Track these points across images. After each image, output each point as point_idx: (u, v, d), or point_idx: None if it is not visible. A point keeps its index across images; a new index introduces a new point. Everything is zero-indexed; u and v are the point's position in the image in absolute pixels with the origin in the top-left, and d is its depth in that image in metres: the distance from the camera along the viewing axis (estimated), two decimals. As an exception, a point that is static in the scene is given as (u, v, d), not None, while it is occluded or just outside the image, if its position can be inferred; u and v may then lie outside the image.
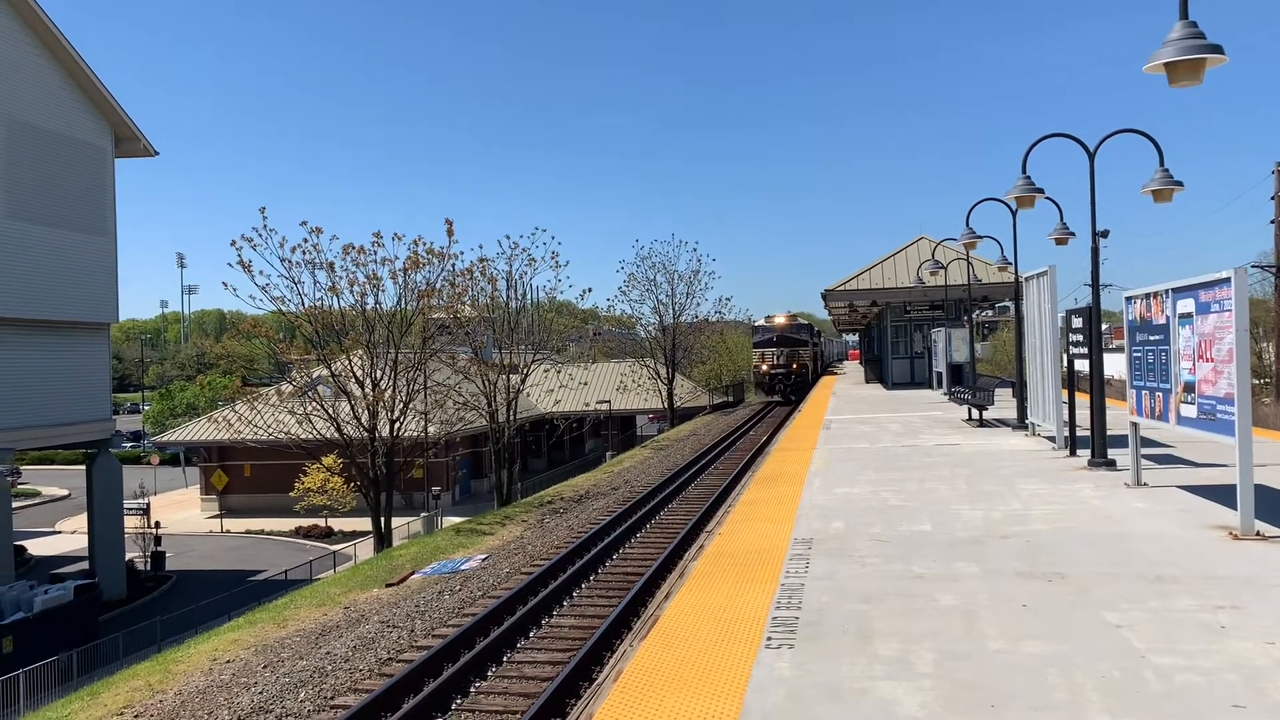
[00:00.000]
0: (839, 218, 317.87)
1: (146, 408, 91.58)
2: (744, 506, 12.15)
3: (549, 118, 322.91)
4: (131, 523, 36.49)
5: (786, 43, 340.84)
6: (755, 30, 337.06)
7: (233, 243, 32.22)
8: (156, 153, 36.63)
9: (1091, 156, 14.61)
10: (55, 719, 14.41)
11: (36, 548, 41.39)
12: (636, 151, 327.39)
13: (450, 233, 38.32)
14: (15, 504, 37.28)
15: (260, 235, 32.41)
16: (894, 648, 6.26)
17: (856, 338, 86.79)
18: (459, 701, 11.11)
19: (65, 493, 59.86)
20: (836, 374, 67.18)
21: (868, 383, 48.43)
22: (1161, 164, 14.03)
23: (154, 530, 38.74)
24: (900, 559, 8.79)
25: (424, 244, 34.60)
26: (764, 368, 56.86)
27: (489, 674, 11.99)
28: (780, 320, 57.92)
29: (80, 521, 39.72)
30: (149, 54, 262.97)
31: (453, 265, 36.00)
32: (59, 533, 47.10)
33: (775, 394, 56.03)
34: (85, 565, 33.55)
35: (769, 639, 6.54)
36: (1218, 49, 8.86)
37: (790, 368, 56.29)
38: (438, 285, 35.31)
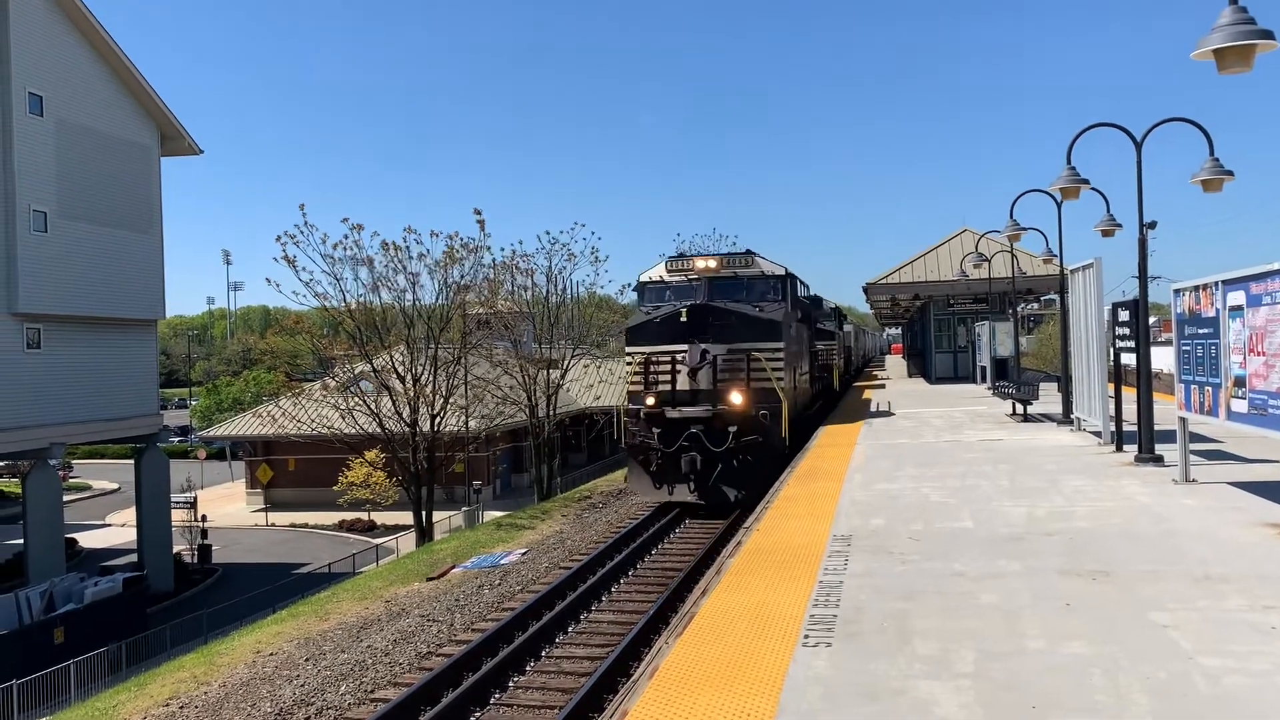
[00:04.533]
0: (880, 212, 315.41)
1: (194, 403, 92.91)
2: (782, 503, 12.06)
3: (586, 114, 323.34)
4: (179, 516, 37.04)
5: (829, 40, 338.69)
6: (800, 25, 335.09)
7: (277, 239, 32.66)
8: (201, 151, 37.14)
9: (1139, 146, 14.33)
10: (103, 709, 14.65)
11: (87, 540, 42.16)
12: (672, 150, 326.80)
13: (482, 225, 38.44)
14: (66, 497, 37.96)
15: (302, 232, 32.78)
16: (933, 647, 6.16)
17: (899, 331, 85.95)
18: (497, 696, 11.13)
19: (115, 486, 60.87)
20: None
21: (910, 377, 47.98)
22: (1211, 153, 13.73)
23: (201, 524, 39.29)
24: (941, 556, 8.67)
25: (459, 239, 34.81)
26: (649, 402, 19.99)
27: (527, 669, 12.00)
28: (706, 265, 21.63)
29: (129, 515, 40.39)
30: (194, 47, 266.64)
31: (491, 259, 36.15)
32: (109, 526, 47.94)
33: (677, 489, 19.99)
34: (134, 558, 34.08)
35: (806, 637, 6.47)
36: (1268, 34, 8.64)
37: (734, 414, 19.69)
38: (475, 280, 35.50)
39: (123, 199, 33.17)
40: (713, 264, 21.48)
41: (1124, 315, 14.61)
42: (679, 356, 19.95)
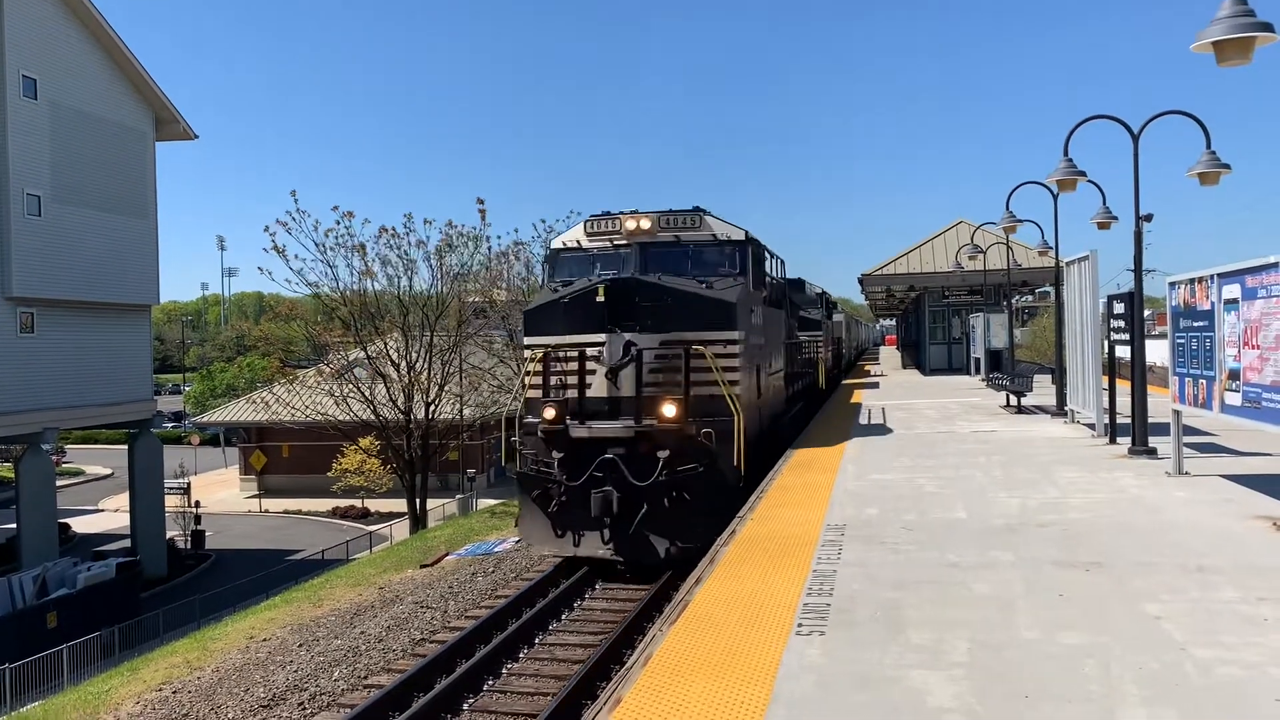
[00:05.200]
0: (876, 203, 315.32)
1: (187, 389, 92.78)
2: (777, 492, 12.07)
3: (586, 108, 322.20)
4: (172, 502, 37.00)
5: (820, 34, 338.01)
6: (792, 15, 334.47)
7: (266, 228, 32.51)
8: (196, 135, 36.96)
9: (1135, 139, 14.32)
10: (96, 693, 14.64)
11: (80, 525, 42.12)
12: (671, 146, 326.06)
13: (483, 215, 38.34)
14: (59, 482, 37.90)
15: (294, 219, 32.65)
16: (927, 636, 6.18)
17: (894, 323, 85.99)
18: (491, 683, 11.15)
19: (108, 472, 60.81)
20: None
21: (904, 368, 48.04)
22: (1209, 146, 13.74)
23: (194, 509, 39.28)
24: (934, 546, 8.69)
25: (456, 228, 34.71)
26: (548, 415, 14.61)
27: (521, 656, 12.02)
28: (637, 225, 16.22)
29: (122, 500, 40.33)
30: (189, 33, 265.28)
31: (488, 248, 36.07)
32: (102, 511, 47.90)
33: (585, 538, 14.50)
34: (127, 543, 34.06)
35: (800, 625, 6.48)
36: (1267, 27, 8.63)
37: (667, 433, 14.13)
38: (473, 269, 35.42)
39: (117, 183, 33.03)
40: (646, 224, 15.85)
41: (1119, 308, 14.63)
42: (592, 351, 14.46)
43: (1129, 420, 14.32)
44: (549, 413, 14.33)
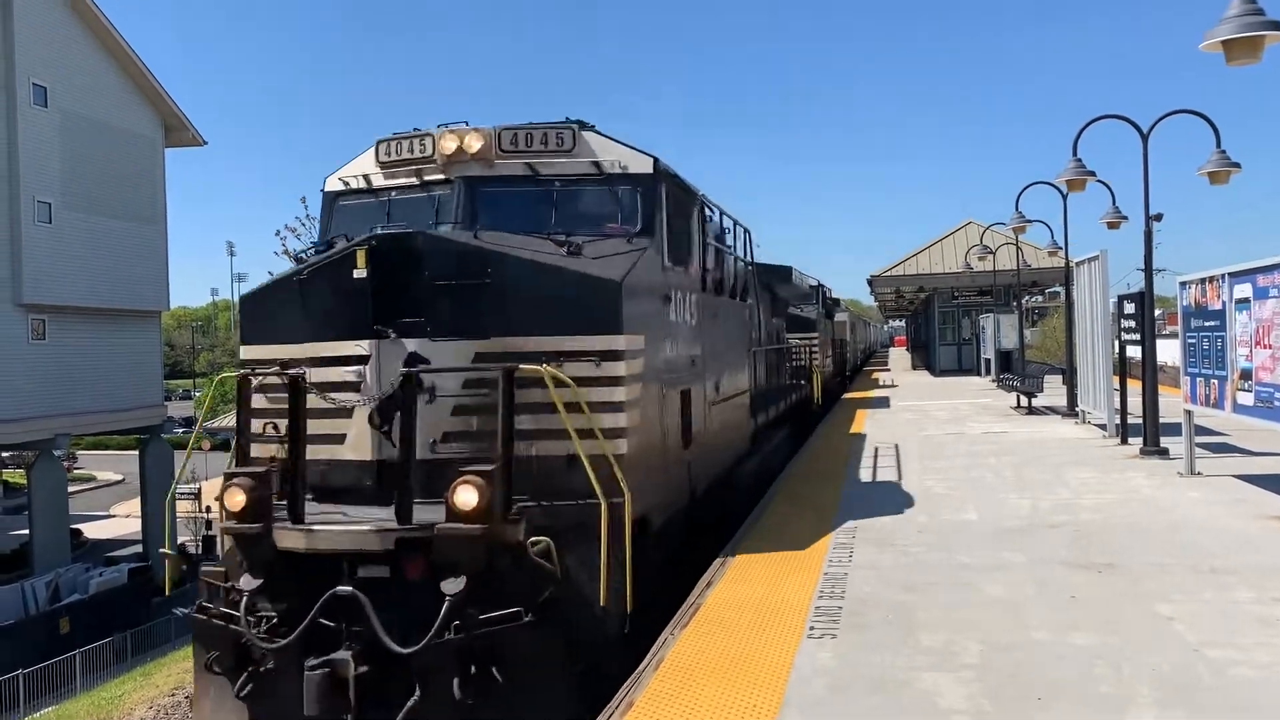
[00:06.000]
0: (884, 203, 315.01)
1: (198, 394, 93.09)
2: (786, 494, 12.06)
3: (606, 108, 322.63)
4: (183, 507, 37.12)
5: (823, 29, 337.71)
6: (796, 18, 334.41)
7: (277, 233, 32.55)
8: (205, 142, 37.12)
9: (1145, 138, 14.29)
10: (109, 698, 14.69)
11: (92, 531, 42.23)
12: (671, 147, 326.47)
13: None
14: (71, 488, 38.09)
15: (303, 224, 32.72)
16: (938, 638, 6.16)
17: (903, 324, 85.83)
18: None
19: (119, 478, 60.97)
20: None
21: (914, 369, 47.94)
22: (1219, 145, 13.70)
23: (205, 515, 39.37)
24: (945, 548, 8.66)
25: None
26: (234, 503, 6.95)
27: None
28: (463, 144, 8.85)
29: (134, 506, 40.45)
30: (198, 40, 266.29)
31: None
32: (113, 516, 48.02)
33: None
34: (139, 549, 34.18)
35: (811, 628, 6.47)
36: (1277, 26, 8.61)
37: (465, 543, 6.49)
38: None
39: (127, 190, 33.18)
40: (476, 143, 8.98)
41: (1129, 308, 14.58)
42: (345, 373, 7.55)
43: (1140, 420, 14.27)
44: (234, 498, 6.98)
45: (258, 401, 7.88)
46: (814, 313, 25.67)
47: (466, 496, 6.55)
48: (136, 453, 36.32)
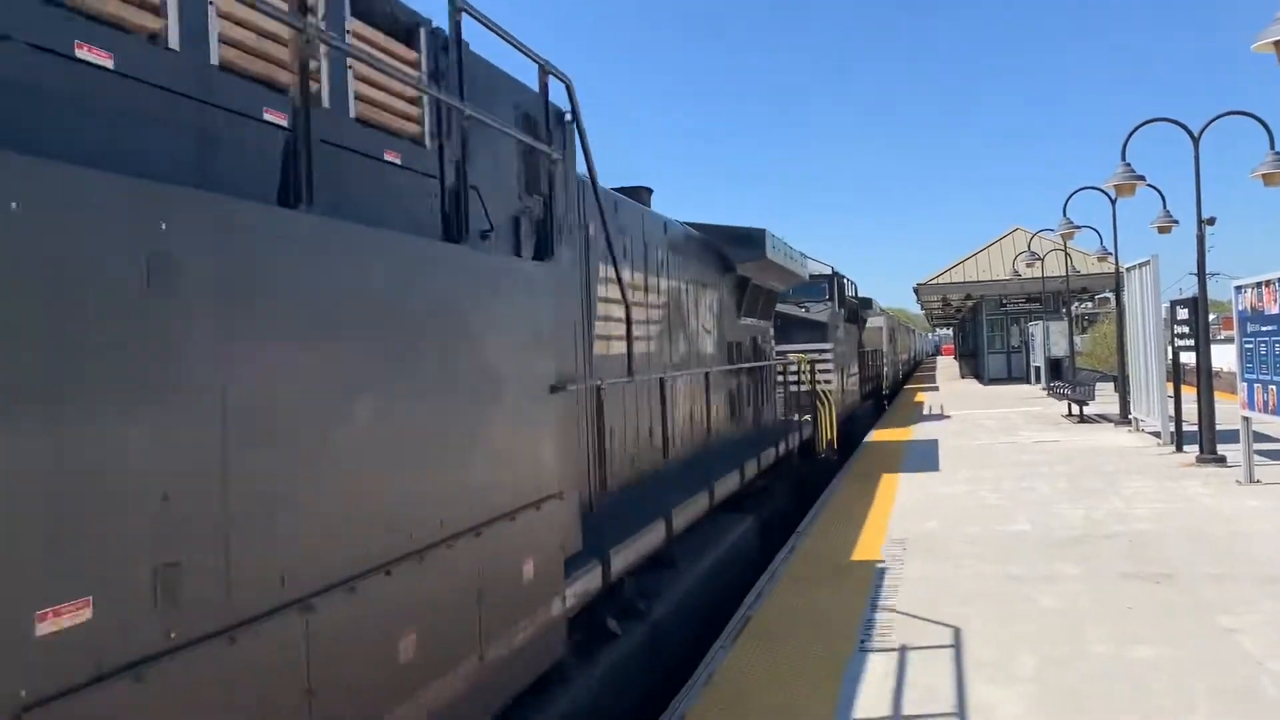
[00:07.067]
0: (930, 212, 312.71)
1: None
2: (835, 506, 11.99)
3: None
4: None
5: (869, 36, 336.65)
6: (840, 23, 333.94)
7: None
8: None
9: (1196, 141, 14.08)
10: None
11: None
12: (720, 153, 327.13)
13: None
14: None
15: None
16: (992, 651, 6.10)
17: (949, 332, 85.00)
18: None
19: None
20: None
21: (963, 378, 47.45)
22: (1272, 146, 13.47)
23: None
24: (997, 559, 8.57)
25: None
26: None
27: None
28: None
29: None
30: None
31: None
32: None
33: None
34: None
35: (863, 641, 6.44)
36: (1331, 24, 8.46)
37: None
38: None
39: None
40: None
41: (1183, 313, 14.37)
42: None
43: (1195, 428, 14.02)
44: None
45: None
46: (822, 313, 19.66)
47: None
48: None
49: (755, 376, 13.28)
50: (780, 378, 14.64)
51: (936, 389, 32.18)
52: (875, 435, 20.53)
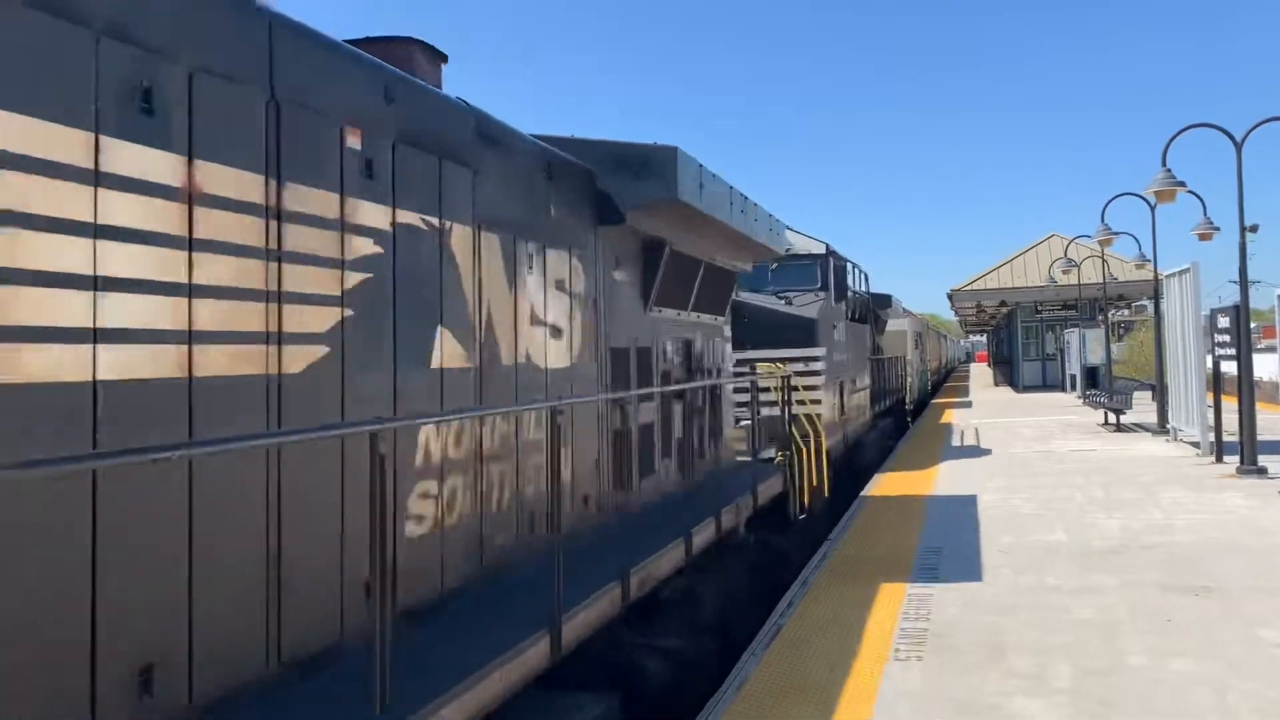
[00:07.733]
0: (964, 217, 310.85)
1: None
2: (866, 514, 11.91)
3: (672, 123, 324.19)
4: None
5: (910, 41, 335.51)
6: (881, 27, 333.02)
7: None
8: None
9: (1239, 147, 13.89)
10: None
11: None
12: (747, 156, 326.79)
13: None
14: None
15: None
16: (1028, 662, 6.03)
17: (983, 338, 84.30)
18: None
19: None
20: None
21: (997, 385, 47.04)
22: (1315, 152, 13.25)
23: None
24: (1033, 570, 8.47)
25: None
26: None
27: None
28: None
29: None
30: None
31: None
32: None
33: None
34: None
35: (897, 650, 6.38)
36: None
37: None
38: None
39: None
40: None
41: (1224, 321, 14.16)
42: None
43: (1236, 438, 13.81)
44: None
45: None
46: (810, 305, 14.79)
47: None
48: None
49: (677, 406, 8.61)
50: (747, 396, 10.47)
51: (969, 404, 31.37)
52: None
